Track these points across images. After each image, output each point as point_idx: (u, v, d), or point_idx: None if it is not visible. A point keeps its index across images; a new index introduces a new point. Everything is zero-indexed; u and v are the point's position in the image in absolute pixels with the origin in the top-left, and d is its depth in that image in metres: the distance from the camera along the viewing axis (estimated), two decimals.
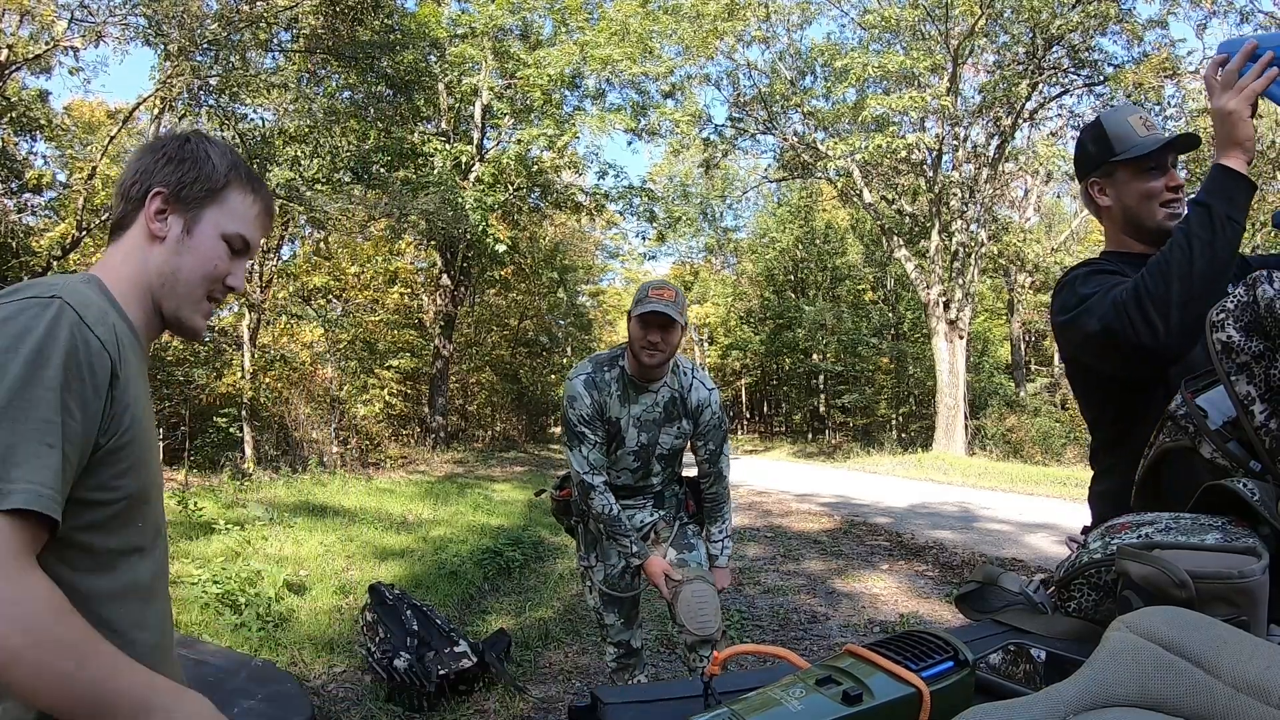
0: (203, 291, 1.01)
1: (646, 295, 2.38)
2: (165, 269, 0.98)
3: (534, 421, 28.05)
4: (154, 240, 0.99)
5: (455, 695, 3.24)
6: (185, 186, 0.99)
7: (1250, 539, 0.87)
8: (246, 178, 1.04)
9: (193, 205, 1.00)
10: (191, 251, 0.99)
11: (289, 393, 14.05)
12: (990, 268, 21.21)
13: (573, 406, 2.47)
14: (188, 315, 1.01)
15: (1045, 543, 6.70)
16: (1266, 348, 0.94)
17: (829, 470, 17.58)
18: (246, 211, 1.04)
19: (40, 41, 10.19)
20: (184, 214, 0.99)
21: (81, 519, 0.85)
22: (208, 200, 1.00)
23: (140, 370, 0.94)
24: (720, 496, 2.68)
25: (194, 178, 0.99)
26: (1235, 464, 1.00)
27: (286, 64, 12.59)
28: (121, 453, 0.87)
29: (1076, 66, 17.05)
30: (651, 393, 2.51)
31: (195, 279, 1.00)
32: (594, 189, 19.41)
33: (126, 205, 1.00)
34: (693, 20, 17.16)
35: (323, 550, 5.90)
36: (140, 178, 0.99)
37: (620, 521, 2.50)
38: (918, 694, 0.67)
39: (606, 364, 2.52)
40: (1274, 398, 0.93)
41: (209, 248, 1.00)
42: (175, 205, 0.99)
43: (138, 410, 0.90)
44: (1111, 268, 1.48)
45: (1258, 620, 0.80)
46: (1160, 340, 1.26)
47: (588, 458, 2.47)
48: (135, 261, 0.98)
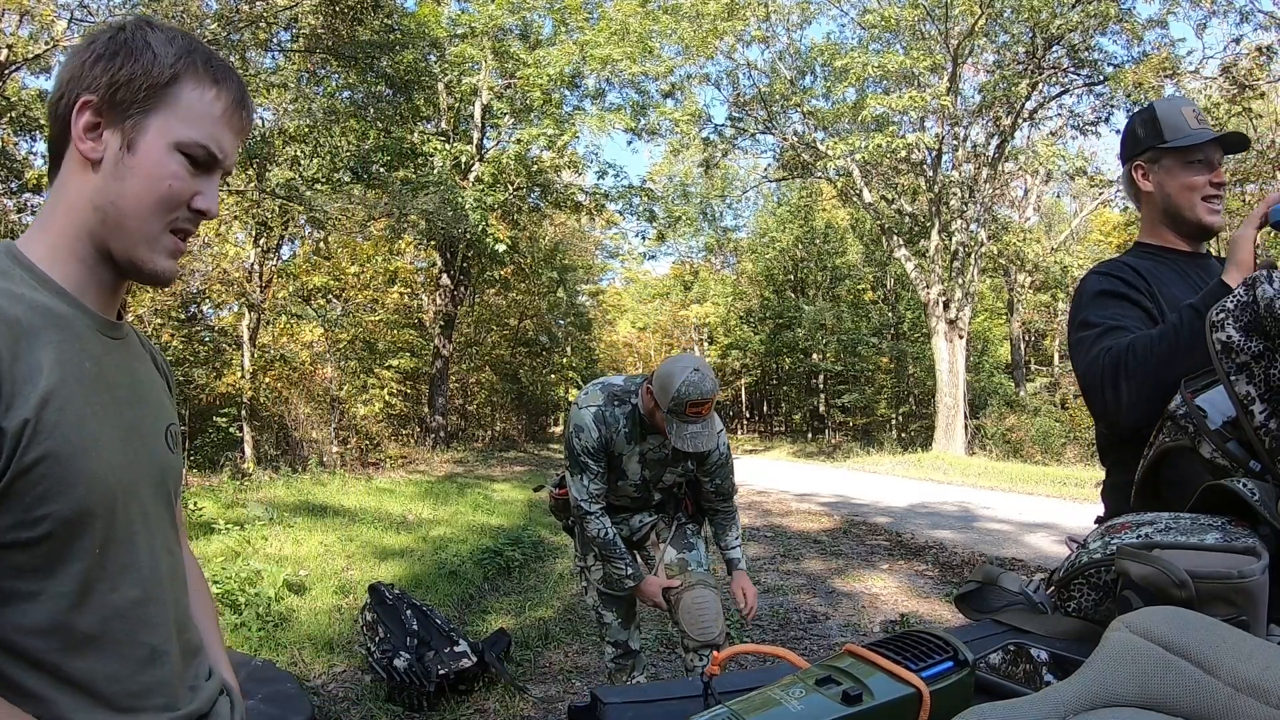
0: (160, 223, 0.78)
1: (684, 410, 2.21)
2: (102, 200, 0.76)
3: (534, 421, 28.06)
4: (87, 165, 0.76)
5: (455, 695, 3.24)
6: (119, 88, 0.75)
7: (1250, 539, 0.87)
8: (204, 64, 0.79)
9: (132, 111, 0.76)
10: (135, 172, 0.76)
11: (289, 392, 14.05)
12: (990, 267, 21.21)
13: (578, 437, 2.43)
14: (144, 256, 0.78)
15: (1045, 542, 6.70)
16: (1266, 347, 0.94)
17: (829, 470, 17.58)
18: (207, 110, 0.79)
19: (40, 41, 10.18)
20: (121, 124, 0.76)
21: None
22: (151, 102, 0.76)
23: (71, 356, 0.73)
24: (728, 516, 2.70)
25: (129, 75, 0.76)
26: (1235, 464, 1.00)
27: (286, 64, 12.60)
28: (30, 474, 0.68)
29: (1076, 66, 17.05)
30: (660, 434, 2.46)
31: (145, 207, 0.77)
32: (594, 189, 19.41)
33: (56, 127, 0.78)
34: (693, 20, 17.15)
35: (322, 550, 5.90)
36: (67, 87, 0.76)
37: (616, 546, 2.49)
38: (917, 694, 0.67)
39: (619, 399, 2.45)
40: (1274, 397, 0.93)
41: (158, 164, 0.77)
42: (110, 115, 0.76)
43: (57, 409, 0.70)
44: (1128, 285, 1.48)
45: (1258, 620, 0.80)
46: (1119, 416, 1.33)
47: (588, 487, 2.46)
48: (69, 198, 0.77)
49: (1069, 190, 27.21)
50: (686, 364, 2.26)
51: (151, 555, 0.82)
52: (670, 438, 2.27)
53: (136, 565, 0.80)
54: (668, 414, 2.26)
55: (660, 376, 2.27)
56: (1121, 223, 23.65)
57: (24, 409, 0.68)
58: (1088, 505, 9.43)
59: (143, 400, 0.85)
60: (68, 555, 0.72)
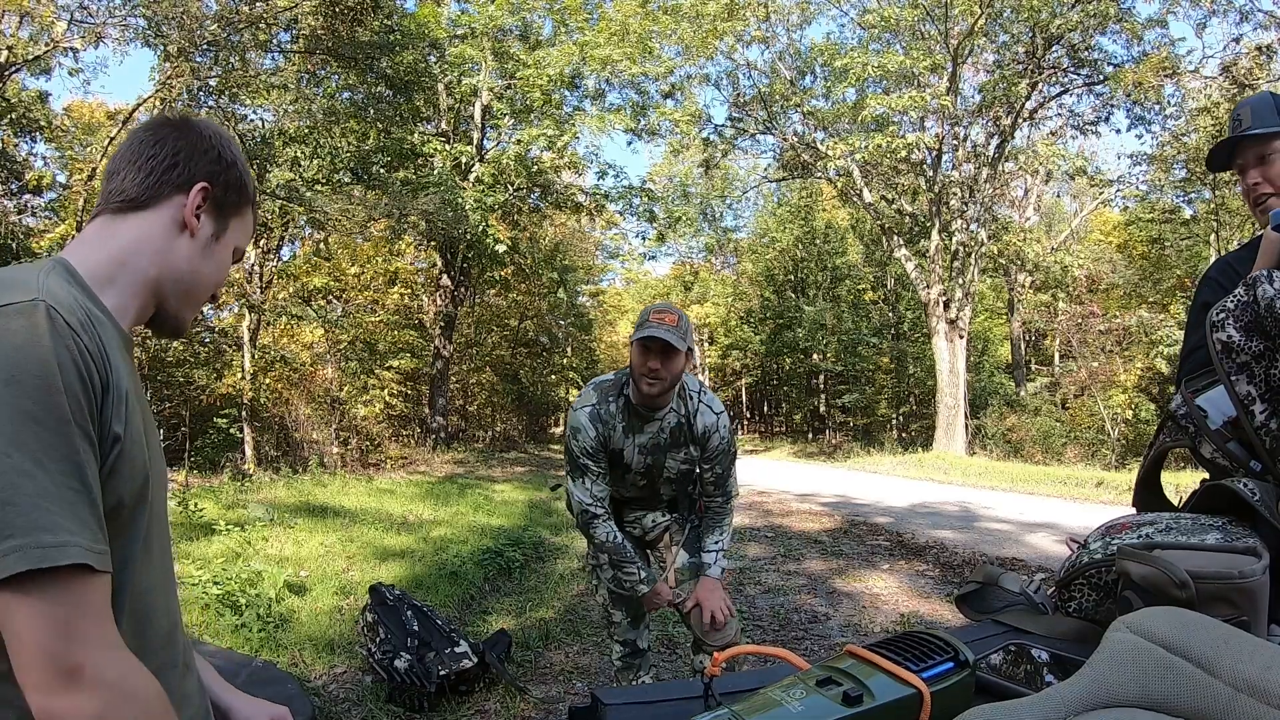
0: (206, 299, 0.98)
1: (647, 319, 2.28)
2: (187, 268, 0.93)
3: (534, 422, 28.05)
4: (182, 232, 0.92)
5: (456, 696, 3.24)
6: (227, 191, 0.95)
7: (1250, 539, 0.87)
8: (254, 193, 1.03)
9: (227, 212, 0.96)
10: (215, 259, 0.95)
11: (289, 393, 14.05)
12: (990, 267, 21.21)
13: (576, 439, 2.41)
14: (187, 317, 0.97)
15: (1046, 542, 6.70)
16: (1266, 348, 0.94)
17: (829, 470, 17.58)
18: (250, 228, 1.02)
19: (40, 42, 10.19)
20: (217, 218, 0.95)
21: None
22: (236, 211, 0.97)
23: (128, 364, 0.87)
24: (722, 511, 2.61)
25: (233, 184, 0.96)
26: (1235, 464, 1.00)
27: (286, 64, 12.60)
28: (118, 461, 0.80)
29: (1076, 66, 17.06)
30: (657, 420, 2.44)
31: (210, 287, 0.97)
32: (594, 189, 19.40)
33: (153, 184, 0.91)
34: (692, 20, 17.16)
35: (323, 551, 5.90)
36: (182, 161, 0.92)
37: (625, 549, 2.47)
38: (918, 695, 0.67)
39: (612, 394, 2.44)
40: (1274, 397, 0.93)
41: (227, 258, 0.97)
42: (212, 206, 0.94)
43: (130, 410, 0.82)
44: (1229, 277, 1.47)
45: (1258, 620, 0.80)
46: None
47: (590, 489, 2.44)
48: (152, 249, 0.90)
49: (1069, 190, 27.22)
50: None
51: (163, 551, 0.93)
52: (642, 338, 2.24)
53: (164, 548, 0.93)
54: (636, 329, 2.28)
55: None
56: (1121, 223, 23.65)
57: (120, 421, 0.79)
58: (1088, 505, 9.43)
59: (147, 409, 0.95)
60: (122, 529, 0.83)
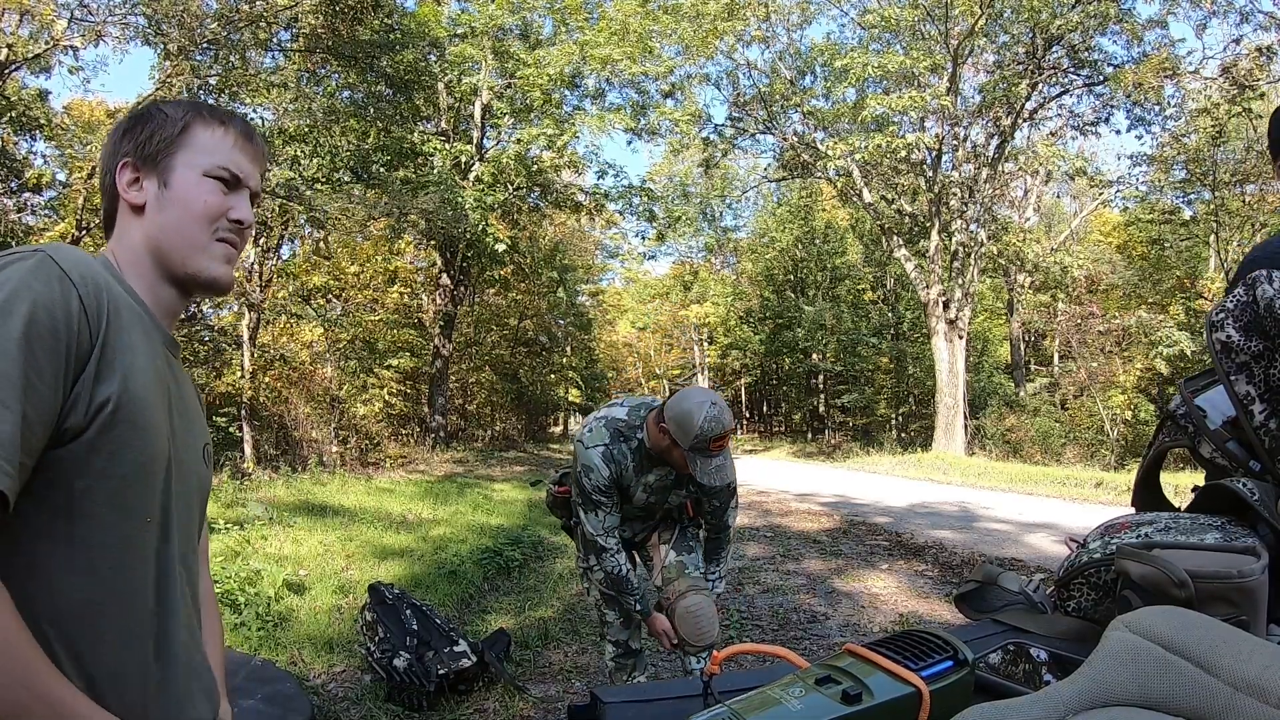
0: (206, 235, 0.94)
1: (707, 448, 2.23)
2: (153, 230, 0.92)
3: (534, 421, 28.04)
4: (136, 211, 0.93)
5: (455, 695, 3.24)
6: (144, 144, 0.93)
7: (1250, 539, 0.87)
8: (208, 111, 0.97)
9: (160, 158, 0.93)
10: (173, 201, 0.92)
11: (289, 392, 14.03)
12: (990, 267, 21.21)
13: (588, 477, 2.43)
14: (201, 263, 0.93)
15: (1045, 542, 6.70)
16: (1266, 347, 0.94)
17: (829, 470, 17.58)
18: (219, 142, 0.95)
19: (40, 41, 10.17)
20: (154, 171, 0.93)
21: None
22: (172, 147, 0.93)
23: (146, 348, 0.86)
24: (721, 541, 2.70)
25: (150, 132, 0.93)
26: (1234, 464, 1.00)
27: (286, 63, 12.58)
28: (110, 434, 0.79)
29: (1076, 66, 17.05)
30: (667, 466, 2.47)
31: (189, 224, 0.92)
32: (594, 189, 19.39)
33: (106, 198, 0.95)
34: (693, 20, 17.15)
35: (322, 550, 5.90)
36: (109, 162, 0.94)
37: (628, 582, 2.53)
38: (917, 693, 0.67)
39: (624, 435, 2.45)
40: (1274, 397, 0.93)
41: (193, 189, 0.93)
42: (144, 168, 0.93)
43: (132, 386, 0.81)
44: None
45: (1257, 620, 0.80)
46: None
47: (603, 523, 2.48)
48: (128, 241, 0.93)
49: (1069, 190, 27.23)
50: (701, 399, 2.25)
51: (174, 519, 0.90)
52: (694, 473, 2.27)
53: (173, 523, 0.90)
54: (690, 451, 2.25)
55: (677, 416, 2.25)
56: (1121, 223, 23.64)
57: (113, 383, 0.79)
58: (1087, 505, 9.43)
59: (187, 413, 0.96)
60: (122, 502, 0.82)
